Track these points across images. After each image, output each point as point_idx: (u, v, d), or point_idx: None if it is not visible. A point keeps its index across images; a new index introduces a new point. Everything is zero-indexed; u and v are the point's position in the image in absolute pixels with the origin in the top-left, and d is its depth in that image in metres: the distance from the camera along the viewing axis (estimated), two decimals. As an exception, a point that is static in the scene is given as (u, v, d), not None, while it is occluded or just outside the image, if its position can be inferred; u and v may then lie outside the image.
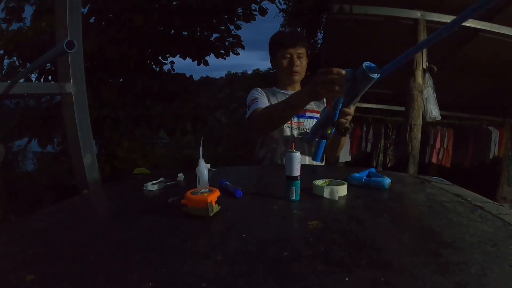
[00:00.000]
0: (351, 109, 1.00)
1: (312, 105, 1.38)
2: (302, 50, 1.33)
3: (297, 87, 1.43)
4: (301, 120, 1.35)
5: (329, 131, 1.11)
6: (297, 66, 1.33)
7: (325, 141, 1.17)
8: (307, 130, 1.34)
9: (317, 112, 1.38)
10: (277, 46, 1.35)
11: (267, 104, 1.31)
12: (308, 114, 1.36)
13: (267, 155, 1.34)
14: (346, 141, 1.27)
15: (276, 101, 1.35)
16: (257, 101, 1.29)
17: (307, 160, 1.33)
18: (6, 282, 0.42)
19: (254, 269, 0.44)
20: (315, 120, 1.37)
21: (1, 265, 0.47)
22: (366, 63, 0.78)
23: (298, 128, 1.34)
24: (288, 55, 1.32)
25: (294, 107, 1.09)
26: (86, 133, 1.22)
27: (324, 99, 1.34)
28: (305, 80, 1.44)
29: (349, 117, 1.01)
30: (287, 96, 1.35)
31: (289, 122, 1.33)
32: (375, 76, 0.77)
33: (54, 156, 3.96)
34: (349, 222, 0.64)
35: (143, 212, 0.70)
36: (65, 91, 1.17)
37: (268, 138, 1.34)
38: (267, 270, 0.44)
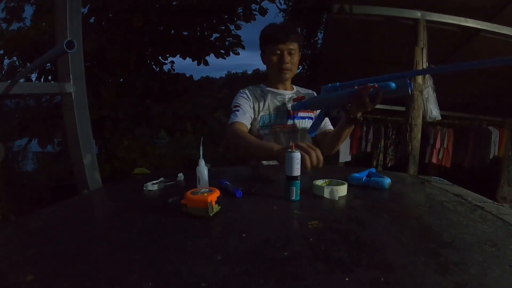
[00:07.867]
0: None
1: None
2: (293, 46, 1.24)
3: (288, 85, 1.37)
4: (292, 122, 1.32)
5: (336, 113, 1.09)
6: (287, 63, 1.25)
7: (325, 117, 1.15)
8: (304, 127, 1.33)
9: (311, 111, 1.35)
10: (266, 42, 1.26)
11: (249, 114, 1.25)
12: (300, 114, 1.33)
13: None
14: (345, 139, 1.26)
15: (264, 104, 1.30)
16: (238, 111, 1.23)
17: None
18: (6, 282, 0.42)
19: (254, 269, 0.44)
20: (307, 120, 1.34)
21: (1, 265, 0.47)
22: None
23: (292, 130, 1.32)
24: (278, 51, 1.24)
25: (261, 156, 1.12)
26: (86, 133, 1.22)
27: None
28: (296, 77, 1.39)
29: (368, 106, 0.94)
30: (275, 95, 1.33)
31: (282, 125, 1.31)
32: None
33: (54, 156, 3.95)
34: (349, 222, 0.64)
35: (143, 212, 0.71)
36: (65, 91, 1.17)
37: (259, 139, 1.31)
38: (267, 270, 0.44)
